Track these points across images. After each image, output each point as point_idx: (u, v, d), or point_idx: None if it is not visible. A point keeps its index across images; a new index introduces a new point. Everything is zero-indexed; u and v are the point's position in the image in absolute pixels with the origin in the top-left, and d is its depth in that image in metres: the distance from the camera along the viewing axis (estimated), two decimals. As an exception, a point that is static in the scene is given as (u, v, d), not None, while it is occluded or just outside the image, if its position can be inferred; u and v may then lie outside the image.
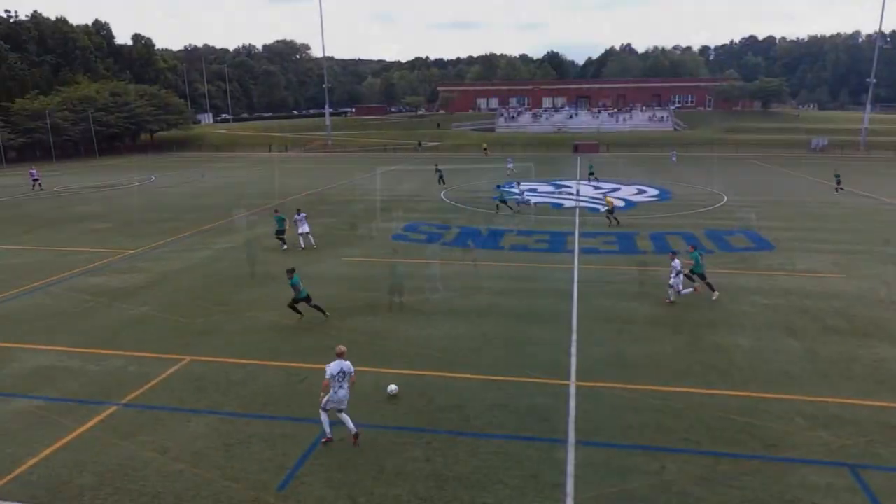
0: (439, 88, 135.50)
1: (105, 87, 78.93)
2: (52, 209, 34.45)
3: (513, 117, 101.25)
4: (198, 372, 12.47)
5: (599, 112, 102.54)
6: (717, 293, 16.90)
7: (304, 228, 23.36)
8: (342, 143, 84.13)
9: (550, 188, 40.55)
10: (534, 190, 39.13)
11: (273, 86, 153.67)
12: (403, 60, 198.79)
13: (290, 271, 15.23)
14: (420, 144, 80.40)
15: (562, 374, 12.28)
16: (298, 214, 23.72)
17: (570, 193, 37.77)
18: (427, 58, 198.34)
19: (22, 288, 18.52)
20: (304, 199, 36.67)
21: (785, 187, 40.52)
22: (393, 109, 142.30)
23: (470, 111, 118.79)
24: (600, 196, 36.58)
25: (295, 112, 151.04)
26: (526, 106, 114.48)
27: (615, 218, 27.26)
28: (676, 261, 16.63)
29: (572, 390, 11.64)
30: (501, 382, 11.96)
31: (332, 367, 9.88)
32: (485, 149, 70.90)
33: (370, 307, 16.29)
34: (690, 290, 16.62)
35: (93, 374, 12.40)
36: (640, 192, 38.54)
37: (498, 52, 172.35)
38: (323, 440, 9.94)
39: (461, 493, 8.74)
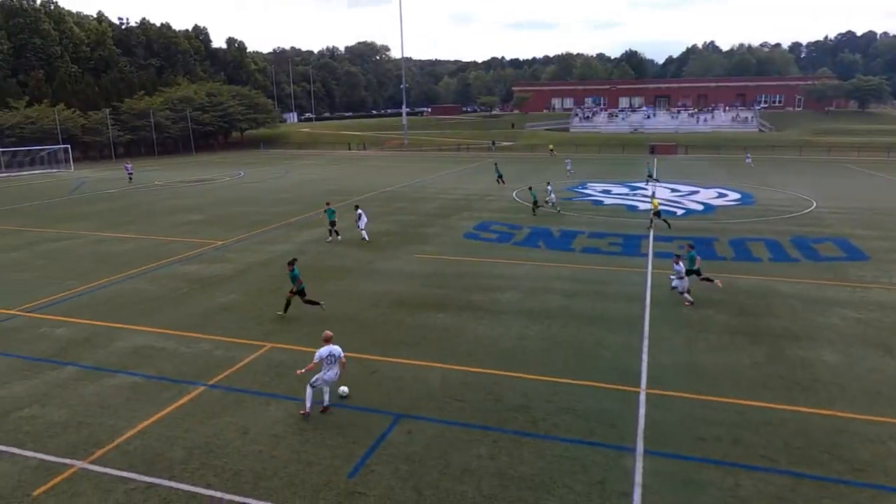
0: (514, 88, 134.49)
1: (202, 88, 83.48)
2: (153, 201, 36.88)
3: (588, 117, 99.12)
4: (277, 359, 13.02)
5: (679, 112, 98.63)
6: (719, 282, 17.21)
7: (362, 223, 24.23)
8: (417, 142, 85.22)
9: (625, 190, 39.43)
10: (608, 191, 38.18)
11: (353, 86, 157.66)
12: (479, 60, 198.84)
13: (291, 263, 15.46)
14: (493, 144, 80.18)
15: (632, 381, 11.94)
16: (357, 210, 24.67)
17: (646, 196, 36.57)
18: (503, 58, 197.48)
19: (127, 273, 19.97)
20: (380, 196, 37.45)
21: (883, 193, 37.51)
22: (467, 109, 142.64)
23: (544, 111, 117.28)
24: (677, 199, 35.25)
25: (373, 112, 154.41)
26: (602, 106, 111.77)
27: (665, 220, 26.27)
28: (680, 264, 16.25)
29: (642, 397, 11.29)
30: (569, 385, 11.76)
31: (322, 352, 10.66)
32: (551, 149, 70.08)
33: (440, 304, 16.43)
34: (690, 300, 16.23)
35: (184, 356, 13.20)
36: (720, 195, 36.81)
37: (574, 52, 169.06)
38: (301, 412, 10.65)
39: (525, 493, 8.68)
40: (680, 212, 31.06)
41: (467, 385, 11.79)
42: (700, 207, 32.32)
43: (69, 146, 61.49)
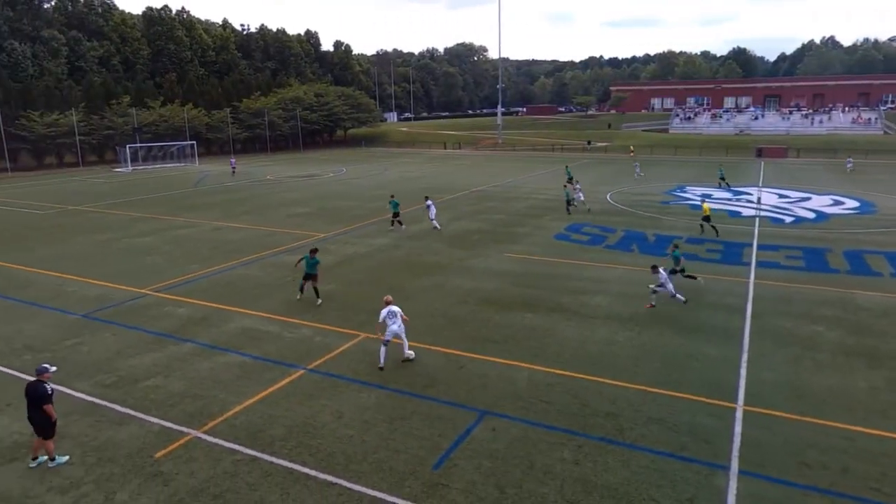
0: (612, 88, 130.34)
1: (311, 88, 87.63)
2: (264, 194, 39.23)
3: (689, 118, 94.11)
4: (371, 348, 13.43)
5: (791, 113, 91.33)
6: (702, 280, 17.45)
7: (432, 213, 25.86)
8: (512, 141, 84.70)
9: (728, 195, 37.09)
10: (707, 196, 36.10)
11: (451, 86, 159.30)
12: (576, 60, 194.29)
13: (313, 251, 16.66)
14: (589, 143, 78.16)
15: (727, 396, 11.23)
16: (427, 201, 26.66)
17: (750, 201, 34.22)
18: (600, 57, 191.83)
19: (239, 260, 21.40)
20: (472, 195, 37.62)
21: None
22: (563, 109, 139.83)
23: (643, 111, 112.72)
24: (786, 206, 32.70)
25: (469, 111, 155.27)
26: (705, 106, 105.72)
27: (713, 227, 24.81)
28: (661, 271, 15.93)
29: (739, 414, 10.59)
30: (659, 396, 11.26)
31: (383, 312, 12.50)
32: (631, 151, 67.57)
33: (528, 304, 16.26)
34: (682, 299, 15.95)
35: (287, 340, 13.95)
36: (836, 203, 33.71)
37: (677, 50, 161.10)
38: (379, 367, 12.26)
39: (609, 502, 8.41)
40: (789, 219, 28.79)
41: (553, 387, 11.60)
42: (811, 215, 29.79)
43: (195, 142, 66.83)
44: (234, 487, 8.71)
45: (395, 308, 12.62)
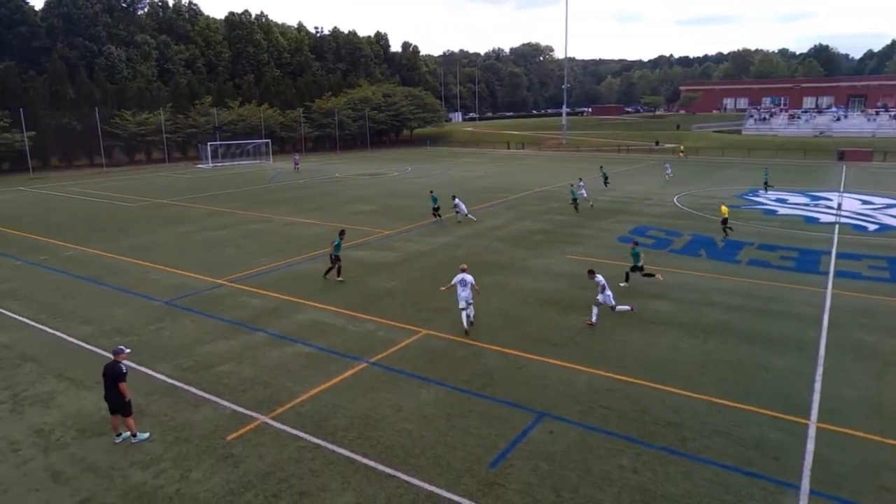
0: (681, 87, 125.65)
1: (379, 89, 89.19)
2: (333, 192, 40.30)
3: (764, 118, 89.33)
4: (431, 345, 13.56)
5: (877, 114, 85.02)
6: (660, 277, 17.67)
7: (462, 209, 28.16)
8: (576, 142, 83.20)
9: (804, 199, 34.99)
10: (783, 200, 34.20)
11: (516, 86, 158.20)
12: (645, 59, 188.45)
13: (342, 233, 19.18)
14: (657, 143, 75.69)
15: (799, 411, 10.62)
16: (454, 200, 28.64)
17: (830, 207, 32.15)
18: (670, 56, 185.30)
19: (308, 254, 22.10)
20: (535, 195, 37.25)
21: None
22: (629, 109, 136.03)
23: (714, 111, 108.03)
24: (870, 213, 30.53)
25: (534, 111, 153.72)
26: (782, 106, 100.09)
27: (726, 228, 24.40)
28: (598, 276, 15.00)
29: (811, 431, 9.99)
30: (725, 407, 10.78)
31: (457, 278, 14.30)
32: (680, 152, 65.39)
33: (589, 306, 15.94)
34: (627, 308, 15.15)
35: (351, 333, 14.29)
36: (928, 211, 31.16)
37: (752, 48, 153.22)
38: (465, 330, 14.13)
39: (668, 514, 8.14)
40: (872, 227, 26.86)
41: (613, 392, 11.33)
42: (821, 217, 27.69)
43: (269, 140, 69.53)
44: (299, 473, 9.02)
45: (467, 277, 14.37)
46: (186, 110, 67.71)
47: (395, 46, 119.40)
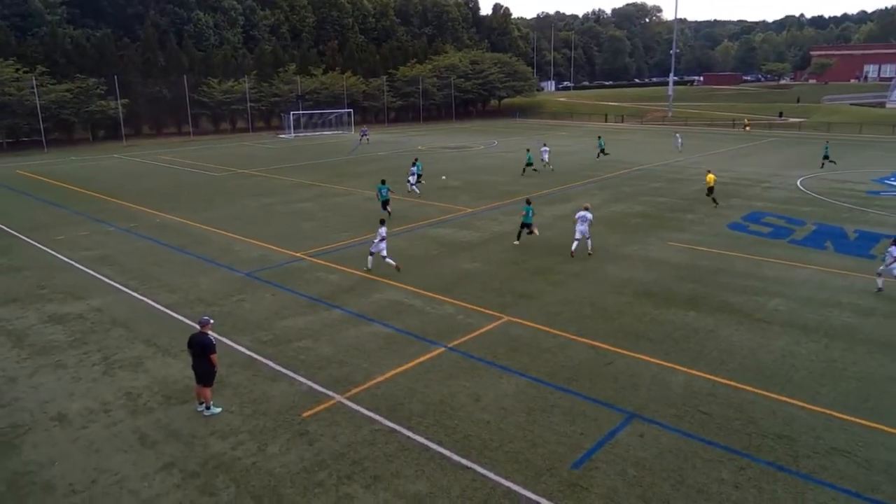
0: (812, 52, 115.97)
1: (466, 55, 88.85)
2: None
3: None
4: (513, 333, 13.57)
5: None
6: (536, 230, 20.47)
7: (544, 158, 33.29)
8: (684, 115, 79.24)
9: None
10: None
11: (617, 52, 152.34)
12: (769, 20, 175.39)
13: (383, 182, 24.23)
14: (781, 115, 70.65)
15: (942, 436, 9.73)
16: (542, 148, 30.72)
17: None
18: (800, 16, 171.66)
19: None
20: (633, 174, 36.01)
21: None
22: (749, 78, 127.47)
23: (852, 81, 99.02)
24: None
25: (636, 80, 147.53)
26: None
27: (714, 199, 26.03)
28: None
29: (956, 460, 9.14)
30: (848, 423, 10.07)
31: (578, 214, 19.01)
32: (745, 125, 64.46)
33: (691, 300, 15.32)
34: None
35: (430, 316, 14.56)
36: None
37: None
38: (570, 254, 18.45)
39: (774, 537, 7.77)
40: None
41: (714, 397, 10.88)
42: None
43: (352, 110, 71.38)
44: (372, 456, 9.39)
45: (588, 214, 18.82)
46: (270, 78, 70.63)
47: (486, 9, 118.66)
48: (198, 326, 10.63)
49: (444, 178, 33.64)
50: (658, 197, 28.77)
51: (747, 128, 64.62)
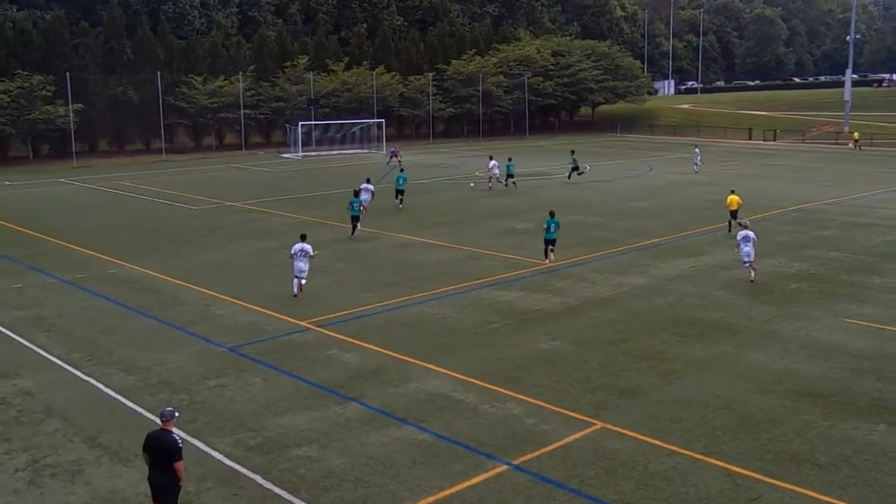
0: None
1: (547, 44, 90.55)
2: (469, 198, 41.40)
3: None
4: (609, 447, 13.30)
5: None
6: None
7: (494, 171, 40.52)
8: (868, 129, 77.80)
9: None
10: None
11: (766, 39, 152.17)
12: None
13: (357, 192, 29.02)
14: None
15: None
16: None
17: None
18: None
19: (429, 291, 22.85)
20: (789, 216, 35.47)
21: None
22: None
23: None
24: None
25: (795, 79, 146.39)
26: None
27: (739, 223, 26.94)
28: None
29: None
30: None
31: (739, 235, 23.37)
32: (854, 139, 69.75)
33: (880, 408, 14.73)
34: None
35: (486, 417, 14.46)
36: None
37: None
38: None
39: None
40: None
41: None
42: None
43: (383, 121, 73.02)
44: None
45: (751, 233, 22.57)
46: (273, 76, 73.52)
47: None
48: (159, 422, 10.84)
49: (472, 185, 40.86)
50: (829, 251, 28.17)
51: (855, 143, 68.65)
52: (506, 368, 16.76)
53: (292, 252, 22.22)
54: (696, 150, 54.91)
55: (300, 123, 67.37)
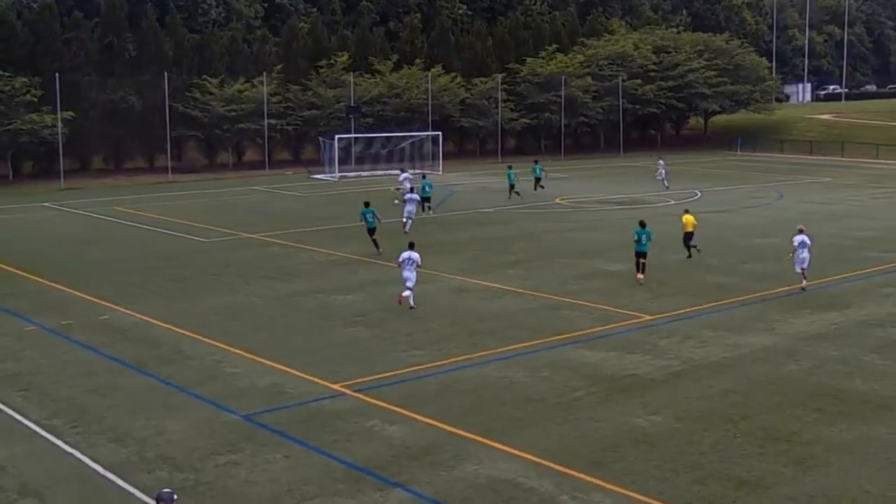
0: None
1: (648, 38, 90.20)
2: (552, 231, 41.55)
3: None
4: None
5: None
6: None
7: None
8: None
9: None
10: None
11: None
12: None
13: (366, 204, 34.00)
14: None
15: None
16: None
17: None
18: None
19: (495, 350, 22.72)
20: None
21: None
22: None
23: None
24: None
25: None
26: None
27: (695, 247, 34.00)
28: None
29: None
30: None
31: (796, 239, 27.68)
32: None
33: None
34: None
35: (566, 512, 14.29)
36: None
37: None
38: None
39: None
40: None
41: None
42: None
43: (440, 133, 72.92)
44: None
45: (807, 238, 25.45)
46: (305, 77, 74.30)
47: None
48: (155, 506, 10.98)
49: (395, 202, 45.80)
50: None
51: None
52: (591, 450, 16.54)
53: (399, 260, 26.79)
54: (660, 162, 57.75)
55: (337, 137, 67.39)
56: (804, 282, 28.07)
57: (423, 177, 49.52)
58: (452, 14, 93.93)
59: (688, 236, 34.13)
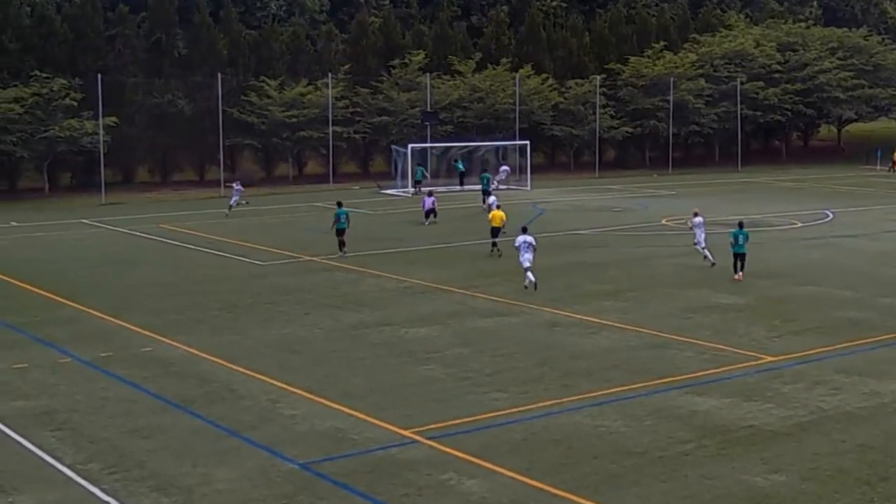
0: None
1: (771, 33, 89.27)
2: (650, 258, 41.45)
3: None
4: None
5: None
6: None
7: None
8: None
9: None
10: None
11: None
12: None
13: (339, 204, 37.99)
14: None
15: None
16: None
17: None
18: None
19: (590, 393, 22.59)
20: None
21: None
22: None
23: None
24: None
25: None
26: None
27: (496, 247, 39.48)
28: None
29: None
30: None
31: None
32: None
33: None
34: None
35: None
36: None
37: None
38: None
39: None
40: None
41: None
42: None
43: (528, 142, 72.48)
44: None
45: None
46: (376, 79, 74.91)
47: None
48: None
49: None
50: None
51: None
52: (700, 515, 16.36)
53: (516, 245, 33.78)
54: (502, 165, 62.75)
55: (411, 146, 67.53)
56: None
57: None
58: (544, 6, 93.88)
59: (494, 231, 40.31)
